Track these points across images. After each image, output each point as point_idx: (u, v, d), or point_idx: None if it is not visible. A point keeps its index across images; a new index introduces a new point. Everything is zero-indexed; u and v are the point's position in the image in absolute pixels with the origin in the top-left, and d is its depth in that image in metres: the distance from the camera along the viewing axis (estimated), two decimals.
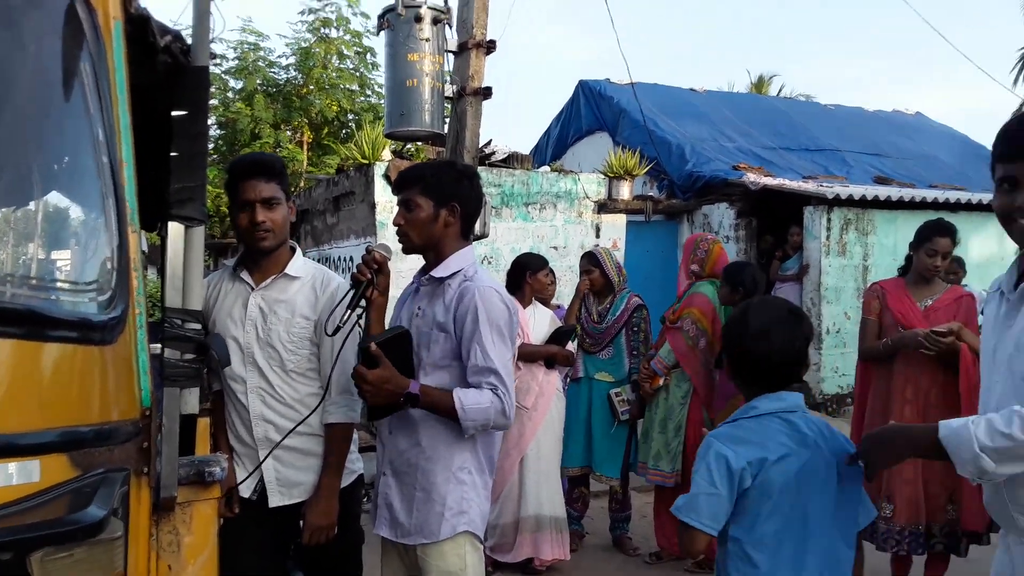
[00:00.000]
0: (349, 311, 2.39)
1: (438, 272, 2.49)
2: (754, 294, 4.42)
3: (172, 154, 2.54)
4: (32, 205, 1.53)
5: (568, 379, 5.09)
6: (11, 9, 1.59)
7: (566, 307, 5.19)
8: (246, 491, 2.70)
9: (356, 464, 2.93)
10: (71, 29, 1.64)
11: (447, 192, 2.48)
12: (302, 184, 13.18)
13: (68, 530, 1.22)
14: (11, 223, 1.48)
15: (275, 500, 2.70)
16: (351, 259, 9.55)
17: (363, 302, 2.45)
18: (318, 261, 10.44)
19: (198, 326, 2.53)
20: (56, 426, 1.36)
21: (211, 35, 2.70)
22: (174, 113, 2.58)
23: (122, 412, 1.52)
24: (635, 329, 5.02)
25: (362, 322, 2.50)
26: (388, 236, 8.73)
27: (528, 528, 4.51)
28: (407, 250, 2.54)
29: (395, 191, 2.56)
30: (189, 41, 2.28)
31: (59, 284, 1.46)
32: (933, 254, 4.18)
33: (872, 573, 4.46)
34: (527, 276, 4.66)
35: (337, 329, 2.41)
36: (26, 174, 1.54)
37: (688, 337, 4.66)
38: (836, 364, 8.89)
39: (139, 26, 2.02)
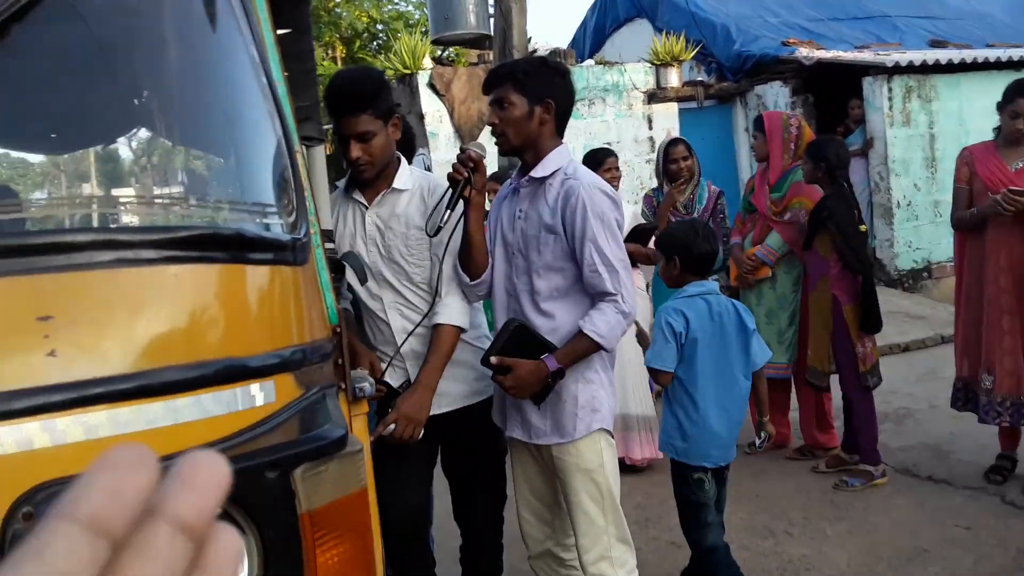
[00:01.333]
0: (449, 210, 2.36)
1: (538, 172, 2.46)
2: (838, 170, 4.31)
3: (284, 74, 2.52)
4: (213, 131, 1.51)
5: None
6: None
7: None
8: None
9: None
10: None
11: (540, 88, 2.43)
12: None
13: (320, 445, 1.25)
14: (199, 150, 1.47)
15: None
16: None
17: (461, 201, 2.41)
18: None
19: (332, 245, 2.55)
20: (277, 347, 1.37)
21: None
22: (279, 32, 2.55)
23: (320, 330, 1.54)
24: (721, 216, 4.97)
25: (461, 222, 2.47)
26: (440, 147, 8.66)
27: (617, 428, 4.54)
28: (504, 151, 2.50)
29: (485, 90, 2.50)
30: None
31: (253, 208, 1.45)
32: (1015, 116, 4.05)
33: (981, 448, 4.52)
34: (597, 171, 4.57)
35: (438, 229, 2.39)
36: (201, 101, 1.52)
37: (803, 227, 4.55)
38: (909, 239, 8.74)
39: None
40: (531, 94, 2.42)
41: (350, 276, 2.53)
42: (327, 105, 2.63)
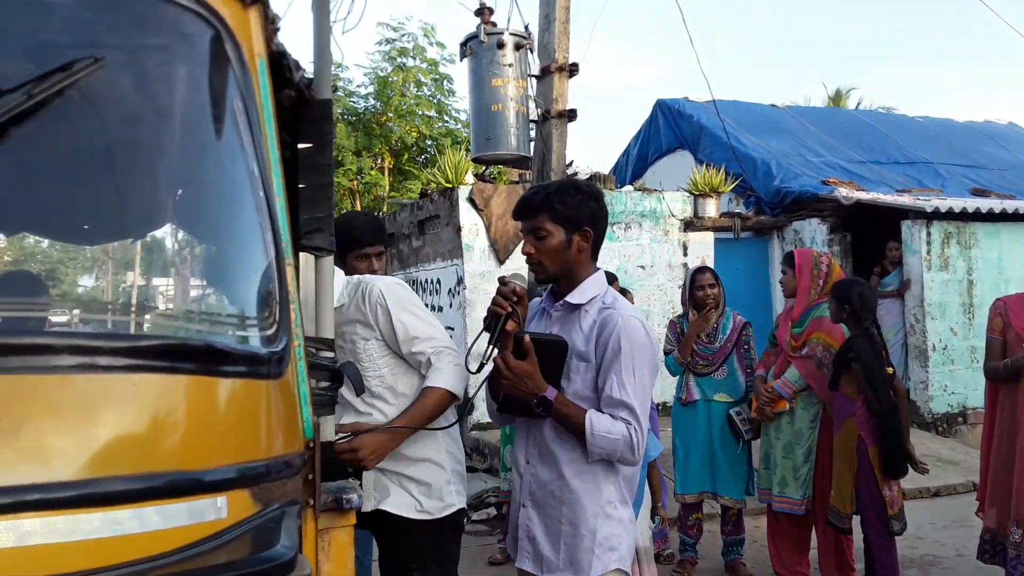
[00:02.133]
0: (492, 346, 2.30)
1: (574, 298, 2.40)
2: (862, 312, 4.28)
3: (300, 186, 2.59)
4: (198, 240, 1.54)
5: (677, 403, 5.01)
6: (166, 48, 1.62)
7: None
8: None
9: (452, 497, 2.83)
10: (221, 67, 1.66)
11: (577, 216, 2.38)
12: (385, 209, 13.37)
13: (265, 568, 1.21)
14: (179, 258, 1.49)
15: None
16: (438, 281, 9.63)
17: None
18: (405, 284, 10.60)
19: (331, 354, 2.55)
20: (236, 462, 1.35)
21: (332, 68, 2.74)
22: (300, 146, 2.63)
23: (290, 444, 1.52)
24: (746, 347, 4.96)
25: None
26: (474, 258, 8.79)
27: None
28: (541, 280, 2.46)
29: (519, 217, 2.45)
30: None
31: (229, 320, 1.46)
32: None
33: None
34: None
35: (481, 366, 2.36)
36: (191, 209, 1.55)
37: (820, 362, 4.52)
38: (944, 382, 8.55)
39: (275, 62, 2.05)
40: (568, 223, 2.37)
41: (346, 387, 2.53)
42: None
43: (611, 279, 4.67)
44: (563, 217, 2.37)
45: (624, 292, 4.70)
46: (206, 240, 1.54)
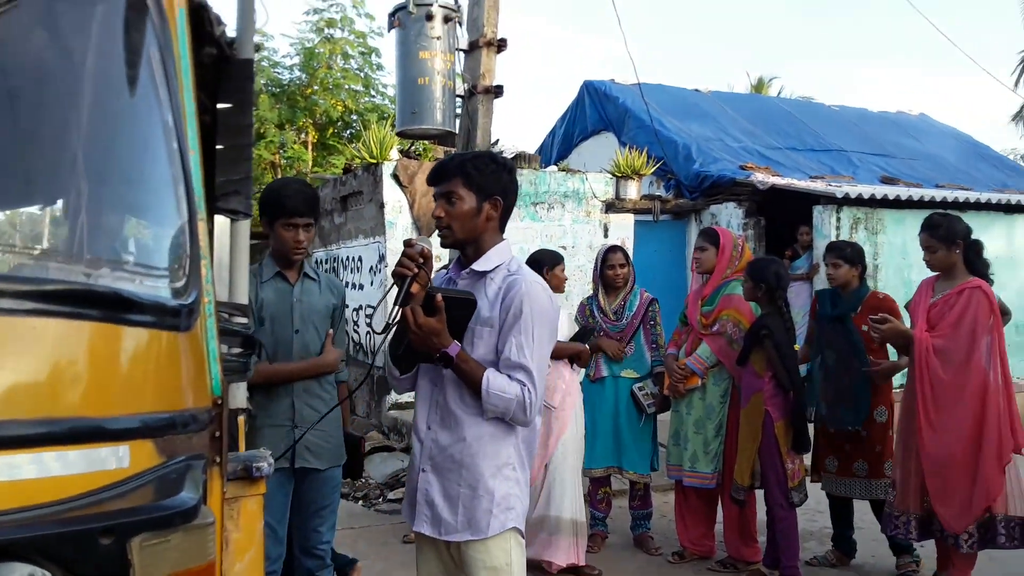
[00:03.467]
0: (398, 307, 2.33)
1: (480, 265, 2.46)
2: (777, 291, 4.42)
3: (218, 147, 2.55)
4: (108, 189, 1.51)
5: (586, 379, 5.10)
6: None
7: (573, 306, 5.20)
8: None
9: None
10: (138, 14, 1.63)
11: (490, 185, 2.44)
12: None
13: (165, 515, 1.21)
14: (88, 206, 1.47)
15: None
16: (360, 259, 9.55)
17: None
18: (326, 261, 10.48)
19: (245, 320, 2.53)
20: (140, 412, 1.35)
21: (255, 27, 2.69)
22: (219, 106, 2.58)
23: (197, 400, 1.51)
24: (652, 323, 5.06)
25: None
26: (397, 236, 8.73)
27: (547, 529, 4.47)
28: (447, 244, 2.49)
29: (433, 182, 2.49)
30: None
31: (137, 269, 1.44)
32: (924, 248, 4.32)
33: None
34: (544, 272, 4.60)
35: (387, 327, 2.37)
36: (101, 157, 1.52)
37: (730, 338, 4.64)
38: None
39: (195, 14, 2.01)
40: (480, 190, 2.42)
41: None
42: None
43: (557, 259, 4.72)
44: (476, 184, 2.42)
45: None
46: (117, 188, 1.52)
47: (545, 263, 4.64)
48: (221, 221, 2.63)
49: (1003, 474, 4.01)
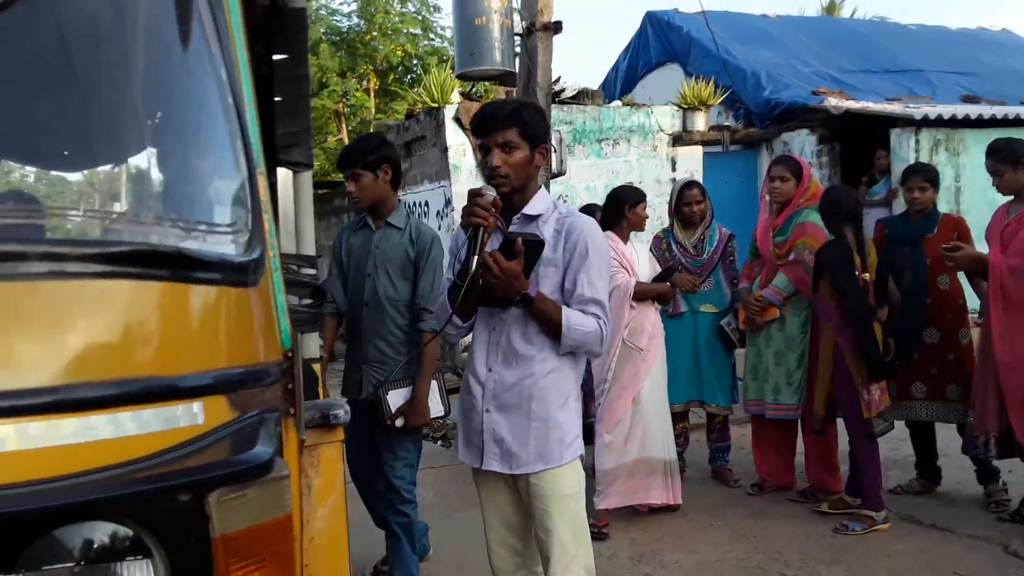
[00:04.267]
0: (476, 257, 2.32)
1: (531, 209, 2.50)
2: (834, 217, 4.30)
3: (276, 99, 2.54)
4: (166, 147, 1.51)
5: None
6: None
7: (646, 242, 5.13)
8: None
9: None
10: None
11: (539, 133, 2.49)
12: (372, 131, 13.17)
13: (241, 469, 1.23)
14: (148, 166, 1.47)
15: None
16: (426, 204, 9.57)
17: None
18: None
19: (313, 271, 2.54)
20: (213, 368, 1.36)
21: None
22: (275, 58, 2.56)
23: (268, 354, 1.52)
24: (731, 259, 5.01)
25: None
26: (462, 180, 8.70)
27: (641, 472, 4.44)
28: (505, 193, 2.46)
29: (485, 132, 2.47)
30: None
31: (201, 227, 1.44)
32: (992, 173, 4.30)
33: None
34: (626, 210, 4.52)
35: (471, 275, 2.36)
36: (157, 116, 1.52)
37: (807, 267, 4.53)
38: None
39: None
40: (532, 139, 2.47)
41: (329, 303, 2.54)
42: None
43: (640, 196, 4.63)
44: (530, 133, 2.45)
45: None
46: (175, 148, 1.52)
47: (627, 200, 4.54)
48: (284, 173, 2.65)
49: None
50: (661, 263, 4.91)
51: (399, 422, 3.44)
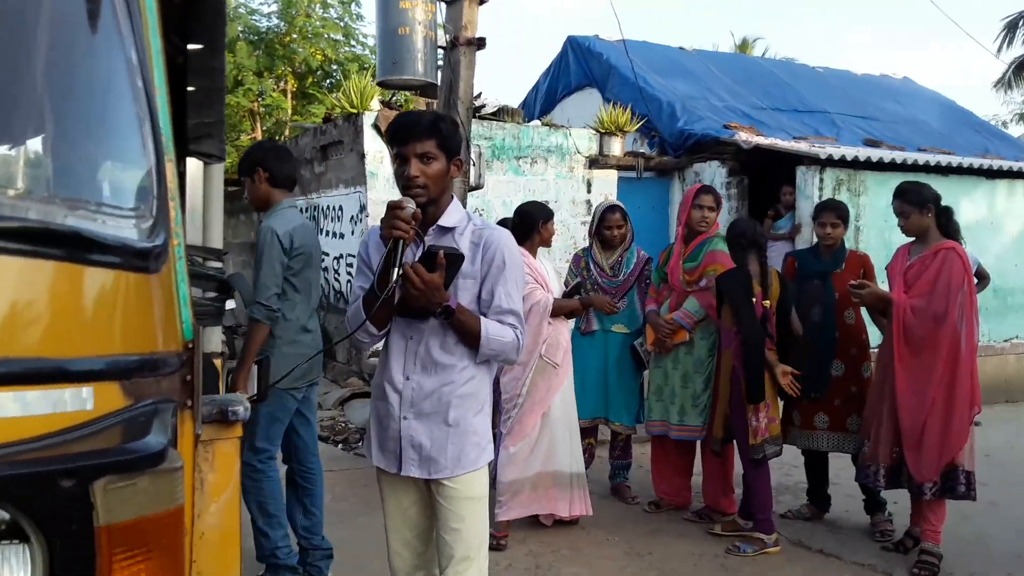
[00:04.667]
0: (396, 269, 2.33)
1: (445, 222, 2.53)
2: (742, 246, 4.45)
3: (189, 89, 2.48)
4: (70, 128, 1.46)
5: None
6: None
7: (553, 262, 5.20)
8: None
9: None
10: None
11: (455, 145, 2.52)
12: (287, 132, 12.98)
13: (130, 458, 1.19)
14: (50, 145, 1.42)
15: None
16: (340, 208, 9.47)
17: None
18: (307, 210, 10.38)
19: (219, 264, 2.49)
20: (106, 354, 1.31)
21: None
22: (190, 47, 2.51)
23: (167, 343, 1.48)
24: (647, 281, 5.11)
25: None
26: (378, 186, 8.65)
27: (545, 484, 4.48)
28: (422, 204, 2.48)
29: (402, 141, 2.47)
30: None
31: (103, 210, 1.39)
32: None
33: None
34: (539, 226, 4.58)
35: (389, 288, 2.35)
36: (64, 96, 1.47)
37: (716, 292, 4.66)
38: None
39: None
40: (448, 150, 2.50)
41: (237, 298, 2.49)
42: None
43: (549, 213, 4.68)
44: (447, 145, 2.49)
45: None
46: (80, 128, 1.46)
47: (538, 216, 4.61)
48: (195, 164, 2.58)
49: (970, 426, 4.14)
50: (580, 280, 5.00)
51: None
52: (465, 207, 2.75)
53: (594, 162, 9.67)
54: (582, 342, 5.10)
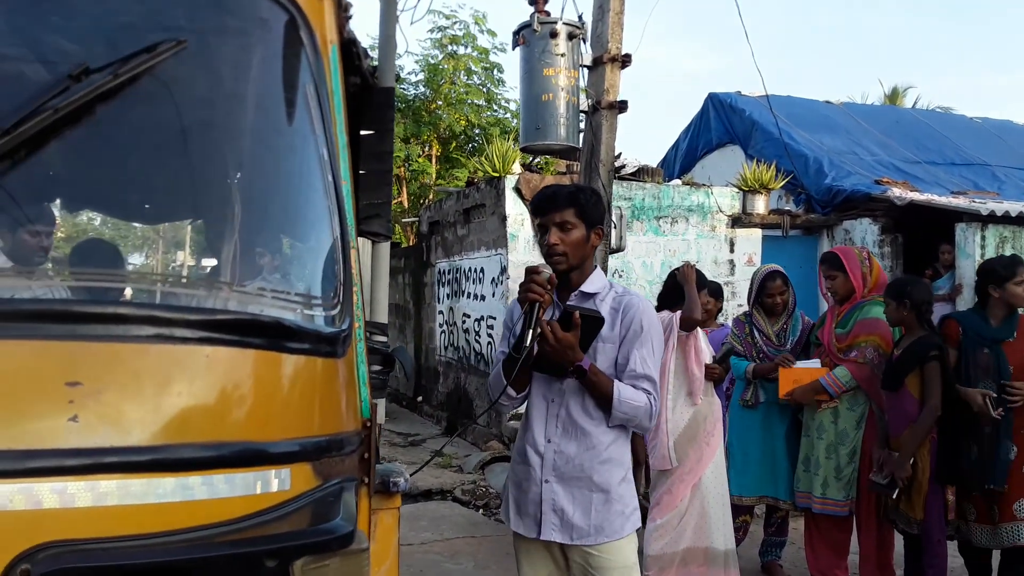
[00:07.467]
0: (532, 330, 2.42)
1: (588, 288, 2.62)
2: (922, 306, 4.17)
3: (361, 172, 2.63)
4: (270, 221, 1.59)
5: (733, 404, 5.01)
6: (243, 31, 1.67)
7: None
8: None
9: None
10: (295, 52, 1.70)
11: (596, 215, 2.61)
12: (431, 196, 13.45)
13: (326, 539, 1.26)
14: (253, 238, 1.54)
15: None
16: (482, 270, 9.67)
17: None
18: (448, 272, 10.67)
19: (384, 338, 2.60)
20: (300, 436, 1.40)
21: (396, 57, 2.77)
22: (362, 133, 2.67)
23: (350, 423, 1.56)
24: (813, 348, 4.85)
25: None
26: (519, 248, 8.81)
27: (697, 560, 4.31)
28: (561, 270, 2.58)
29: (544, 211, 2.60)
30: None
31: (296, 299, 1.50)
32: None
33: None
34: (702, 294, 4.54)
35: (526, 350, 2.43)
36: (262, 192, 1.60)
37: (873, 365, 4.42)
38: None
39: (345, 49, 2.09)
40: (588, 220, 2.59)
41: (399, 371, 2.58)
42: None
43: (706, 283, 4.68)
44: (586, 214, 2.58)
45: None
46: (277, 221, 1.59)
47: (704, 286, 4.62)
48: (362, 242, 2.73)
49: None
50: (744, 348, 4.88)
51: None
52: (606, 269, 2.82)
53: (737, 220, 9.51)
54: (745, 415, 4.93)
